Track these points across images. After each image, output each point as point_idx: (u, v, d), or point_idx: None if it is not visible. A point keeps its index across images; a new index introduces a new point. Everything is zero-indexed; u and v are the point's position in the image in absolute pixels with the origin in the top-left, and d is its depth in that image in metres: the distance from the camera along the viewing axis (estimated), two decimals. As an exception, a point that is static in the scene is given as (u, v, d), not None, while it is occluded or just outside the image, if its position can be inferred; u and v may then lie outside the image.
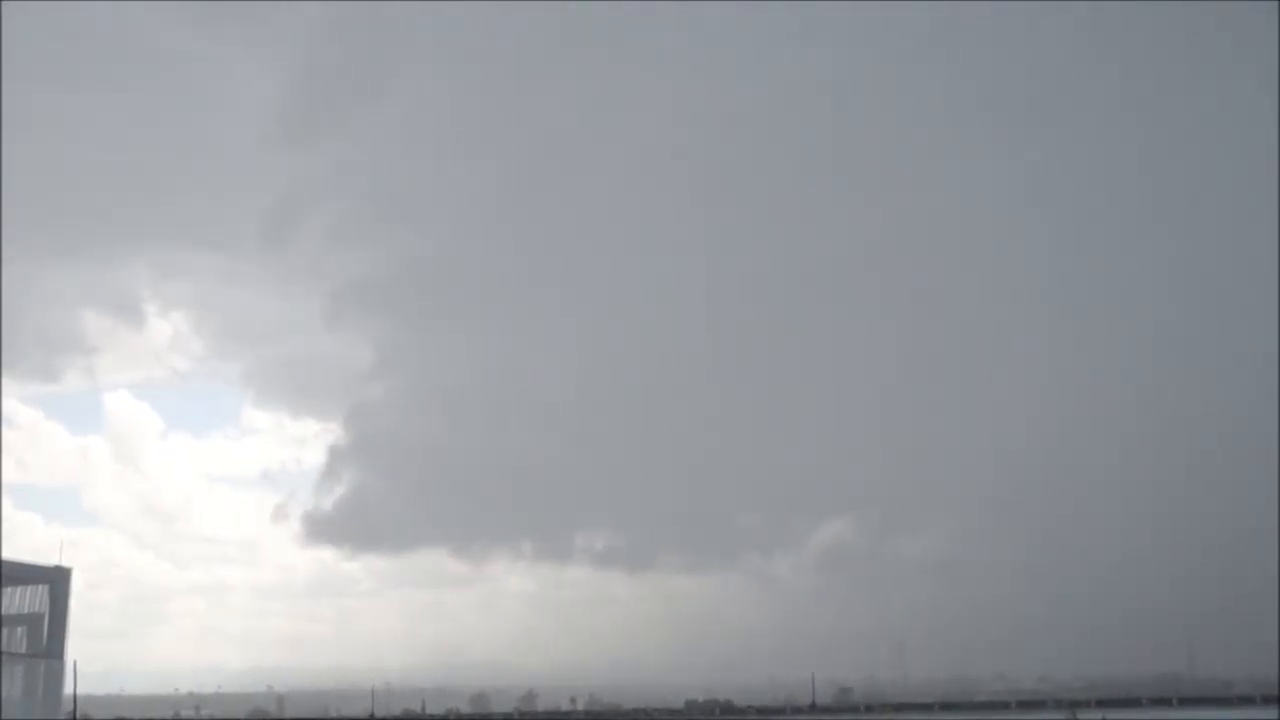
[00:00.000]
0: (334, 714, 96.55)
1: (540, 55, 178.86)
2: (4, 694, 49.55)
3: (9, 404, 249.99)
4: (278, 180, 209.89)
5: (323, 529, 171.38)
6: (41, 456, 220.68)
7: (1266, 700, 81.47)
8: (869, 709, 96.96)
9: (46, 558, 54.51)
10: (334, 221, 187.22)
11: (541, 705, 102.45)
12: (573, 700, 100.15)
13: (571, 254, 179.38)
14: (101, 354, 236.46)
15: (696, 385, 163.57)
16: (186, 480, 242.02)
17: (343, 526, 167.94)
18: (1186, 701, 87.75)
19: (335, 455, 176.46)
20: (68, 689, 54.37)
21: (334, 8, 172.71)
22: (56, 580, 53.61)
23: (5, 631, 52.39)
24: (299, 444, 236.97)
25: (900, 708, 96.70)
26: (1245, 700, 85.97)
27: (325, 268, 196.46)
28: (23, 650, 53.13)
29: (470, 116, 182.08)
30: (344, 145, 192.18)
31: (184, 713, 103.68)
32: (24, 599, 53.26)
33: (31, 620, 53.70)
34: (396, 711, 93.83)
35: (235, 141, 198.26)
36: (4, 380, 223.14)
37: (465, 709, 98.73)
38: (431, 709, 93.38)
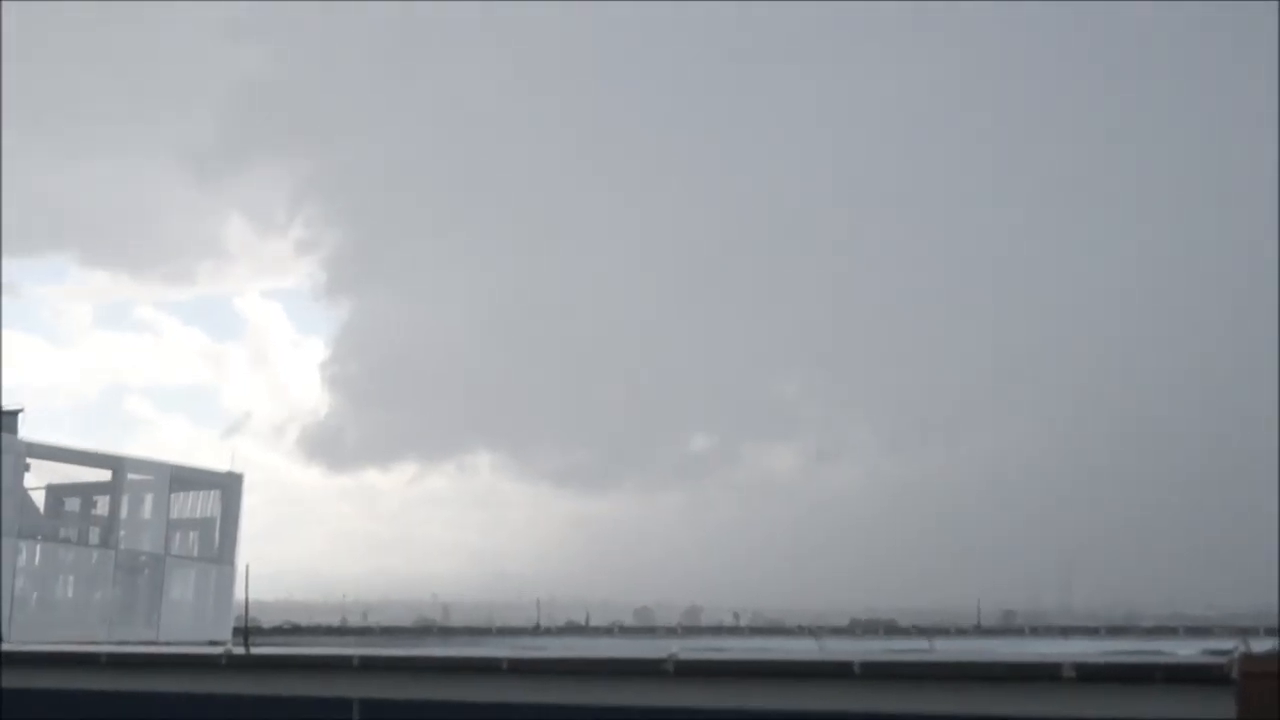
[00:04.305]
0: (498, 624, 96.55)
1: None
2: (177, 597, 49.25)
3: (145, 310, 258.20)
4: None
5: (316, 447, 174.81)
6: (181, 360, 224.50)
7: None
8: (1034, 631, 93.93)
9: (199, 461, 54.26)
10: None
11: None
12: (735, 616, 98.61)
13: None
14: (236, 260, 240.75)
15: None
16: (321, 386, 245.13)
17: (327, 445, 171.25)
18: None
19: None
20: (238, 594, 54.09)
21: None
22: (228, 485, 53.08)
23: (178, 536, 52.26)
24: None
25: (1065, 631, 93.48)
26: None
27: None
28: (194, 555, 52.90)
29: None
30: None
31: (351, 619, 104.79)
32: (196, 504, 53.01)
33: (203, 525, 53.37)
34: (560, 623, 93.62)
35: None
36: (141, 286, 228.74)
37: (630, 622, 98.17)
38: (596, 622, 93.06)
